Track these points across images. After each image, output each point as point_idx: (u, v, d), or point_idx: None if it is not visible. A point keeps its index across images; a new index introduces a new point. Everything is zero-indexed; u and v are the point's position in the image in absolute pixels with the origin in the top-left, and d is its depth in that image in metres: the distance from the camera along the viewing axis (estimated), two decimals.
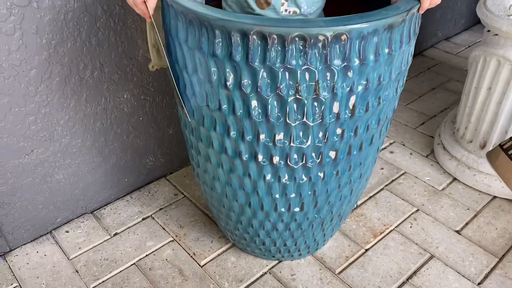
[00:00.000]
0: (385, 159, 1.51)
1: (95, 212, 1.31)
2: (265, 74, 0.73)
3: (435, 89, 1.92)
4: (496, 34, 1.21)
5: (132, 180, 1.36)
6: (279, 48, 0.70)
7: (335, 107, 0.77)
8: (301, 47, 0.70)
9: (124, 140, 1.28)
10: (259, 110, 0.78)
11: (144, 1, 0.76)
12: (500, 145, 1.07)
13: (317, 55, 0.70)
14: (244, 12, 0.88)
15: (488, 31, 1.25)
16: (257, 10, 0.86)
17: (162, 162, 1.41)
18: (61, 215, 1.25)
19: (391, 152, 1.54)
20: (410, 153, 1.54)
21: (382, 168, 1.47)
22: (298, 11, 0.87)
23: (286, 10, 0.86)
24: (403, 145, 1.58)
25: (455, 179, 1.42)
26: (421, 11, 0.79)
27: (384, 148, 1.56)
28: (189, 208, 1.31)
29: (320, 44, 0.69)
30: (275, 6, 0.85)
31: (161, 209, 1.31)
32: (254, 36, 0.70)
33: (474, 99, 1.34)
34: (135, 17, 1.12)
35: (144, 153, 1.34)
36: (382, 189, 1.39)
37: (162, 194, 1.36)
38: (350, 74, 0.73)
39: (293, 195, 0.91)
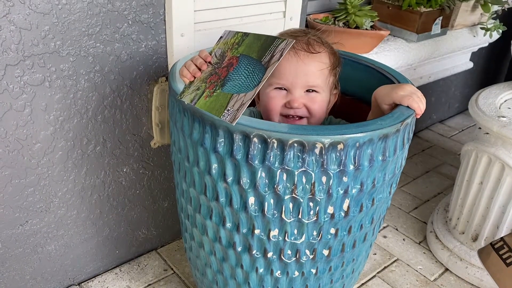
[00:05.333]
0: (378, 244, 1.51)
1: (82, 284, 1.29)
2: (263, 173, 0.76)
3: (429, 173, 1.95)
4: (487, 133, 1.26)
5: (123, 252, 1.35)
6: (278, 151, 0.73)
7: (330, 208, 0.79)
8: (299, 152, 0.73)
9: (119, 212, 1.28)
10: (256, 206, 0.79)
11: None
12: (491, 244, 1.08)
13: (314, 160, 0.73)
14: None
15: (480, 128, 1.30)
16: None
17: (155, 234, 1.41)
18: (48, 286, 1.23)
19: (384, 237, 1.54)
20: (403, 239, 1.54)
21: (375, 254, 1.46)
22: None
23: None
24: (396, 229, 1.58)
25: (447, 269, 1.41)
26: (419, 116, 0.84)
27: (378, 232, 1.56)
28: (178, 286, 1.29)
29: (317, 150, 0.72)
30: None
31: (149, 285, 1.29)
32: (255, 139, 0.73)
33: (466, 191, 1.37)
34: (142, 96, 1.16)
35: (137, 225, 1.34)
36: (374, 276, 1.37)
37: (152, 268, 1.35)
38: (345, 178, 0.76)
39: None
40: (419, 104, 0.81)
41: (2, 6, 0.87)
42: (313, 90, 0.90)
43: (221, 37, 0.89)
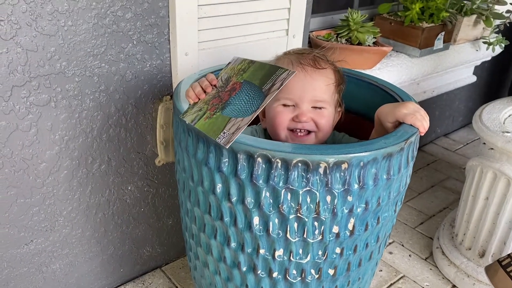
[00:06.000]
0: (384, 260, 1.49)
1: None
2: (268, 193, 0.76)
3: (434, 187, 1.94)
4: (492, 148, 1.25)
5: (127, 270, 1.34)
6: (283, 170, 0.73)
7: (335, 227, 0.79)
8: (304, 171, 0.73)
9: (124, 230, 1.28)
10: (261, 226, 0.79)
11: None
12: (499, 261, 1.07)
13: (318, 179, 0.73)
14: None
15: (484, 143, 1.30)
16: None
17: (159, 252, 1.40)
18: None
19: (390, 253, 1.53)
20: (409, 255, 1.53)
21: (381, 270, 1.45)
22: None
23: None
24: (402, 245, 1.57)
25: (454, 286, 1.40)
26: (422, 134, 0.83)
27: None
28: None
29: (321, 170, 0.72)
30: None
31: None
32: (259, 158, 0.73)
33: (472, 207, 1.36)
34: (147, 115, 1.17)
35: (142, 243, 1.34)
36: None
37: (156, 286, 1.34)
38: (350, 198, 0.76)
39: None
40: (423, 122, 0.81)
41: (9, 29, 0.89)
42: (320, 107, 0.90)
43: (229, 62, 0.91)
